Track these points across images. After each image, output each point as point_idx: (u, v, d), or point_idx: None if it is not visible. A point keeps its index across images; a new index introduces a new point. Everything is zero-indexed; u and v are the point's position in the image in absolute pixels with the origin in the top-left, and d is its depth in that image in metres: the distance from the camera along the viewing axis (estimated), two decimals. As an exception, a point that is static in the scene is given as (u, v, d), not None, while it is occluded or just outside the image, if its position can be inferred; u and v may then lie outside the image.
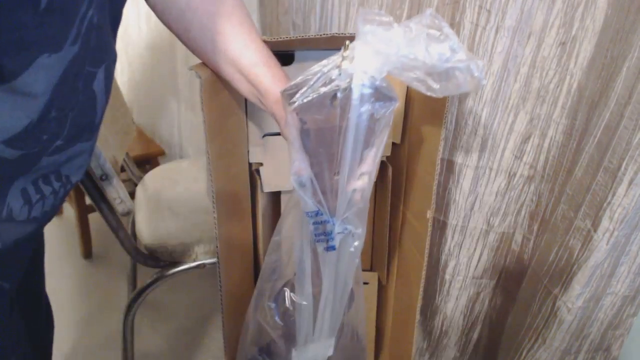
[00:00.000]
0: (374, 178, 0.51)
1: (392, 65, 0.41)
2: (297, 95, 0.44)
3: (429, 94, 0.42)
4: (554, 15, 0.70)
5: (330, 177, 0.50)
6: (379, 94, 0.45)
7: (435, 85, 0.41)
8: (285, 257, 0.61)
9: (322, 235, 0.53)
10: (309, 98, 0.44)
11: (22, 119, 0.38)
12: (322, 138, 0.48)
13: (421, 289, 0.70)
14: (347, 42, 0.43)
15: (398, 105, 0.48)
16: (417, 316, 0.73)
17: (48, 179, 0.45)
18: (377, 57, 0.41)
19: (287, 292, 0.61)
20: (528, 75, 0.74)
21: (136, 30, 1.69)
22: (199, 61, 0.58)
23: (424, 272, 0.69)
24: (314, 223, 0.52)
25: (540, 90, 0.75)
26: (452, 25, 0.74)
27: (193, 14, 0.52)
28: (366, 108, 0.44)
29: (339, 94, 0.44)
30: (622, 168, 0.64)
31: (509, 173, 0.82)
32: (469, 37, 0.72)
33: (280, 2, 0.84)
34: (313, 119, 0.46)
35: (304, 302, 0.58)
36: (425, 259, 0.69)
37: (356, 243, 0.55)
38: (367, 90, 0.43)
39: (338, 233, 0.53)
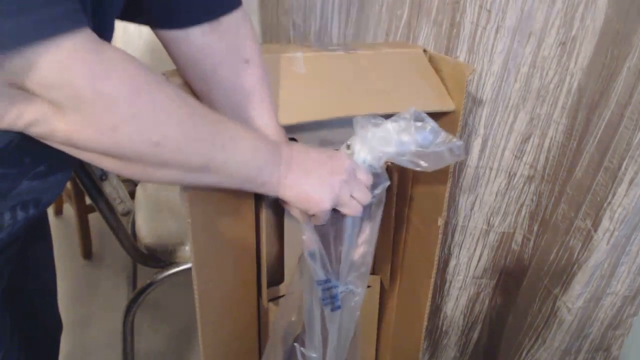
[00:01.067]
0: (374, 245, 0.61)
1: (388, 157, 0.52)
2: None
3: (419, 169, 0.51)
4: (554, 15, 0.70)
5: (336, 249, 0.59)
6: (375, 178, 0.55)
7: (425, 164, 0.51)
8: (293, 316, 0.69)
9: (329, 299, 0.61)
10: None
11: (3, 136, 0.37)
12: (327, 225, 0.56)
13: (429, 296, 0.70)
14: (348, 143, 0.53)
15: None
16: (425, 322, 0.72)
17: (26, 207, 0.44)
18: (373, 152, 0.52)
19: (298, 348, 0.68)
20: (528, 75, 0.74)
21: (136, 31, 1.68)
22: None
23: (432, 280, 0.69)
24: (323, 290, 0.60)
25: (540, 90, 0.75)
26: (452, 25, 0.74)
27: (219, 83, 0.51)
28: None
29: None
30: (623, 168, 0.64)
31: (509, 173, 0.82)
32: (469, 37, 0.72)
33: (280, 2, 0.84)
34: None
35: (314, 355, 0.66)
36: (435, 266, 0.68)
37: (357, 298, 0.63)
38: None
39: (341, 292, 0.61)
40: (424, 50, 0.68)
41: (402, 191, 0.78)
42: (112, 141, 0.34)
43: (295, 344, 0.69)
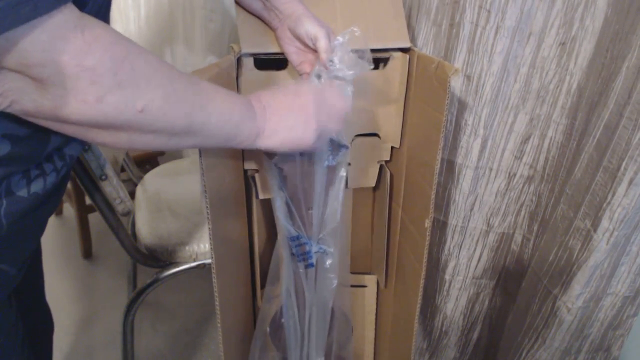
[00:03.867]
0: (341, 203, 0.65)
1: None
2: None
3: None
4: (554, 15, 0.70)
5: (306, 211, 0.64)
6: (335, 145, 0.61)
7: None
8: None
9: (302, 255, 0.65)
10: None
11: None
12: (296, 181, 0.62)
13: (419, 296, 0.70)
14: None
15: (396, 105, 0.59)
16: (416, 324, 0.73)
17: (51, 158, 0.46)
18: None
19: (278, 314, 0.72)
20: (528, 75, 0.74)
21: (136, 31, 1.69)
22: (197, 63, 0.59)
23: (422, 281, 0.69)
24: (295, 246, 0.64)
25: (540, 90, 0.75)
26: (451, 25, 0.74)
27: None
28: (327, 158, 0.61)
29: None
30: (622, 168, 0.64)
31: (509, 173, 0.82)
32: (469, 37, 0.72)
33: None
34: (289, 167, 0.61)
35: (290, 320, 0.69)
36: (424, 267, 0.69)
37: (330, 260, 0.67)
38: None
39: (315, 252, 0.65)
40: (411, 49, 0.69)
41: (395, 190, 0.79)
42: (98, 112, 0.35)
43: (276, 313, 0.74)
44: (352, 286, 0.86)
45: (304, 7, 0.60)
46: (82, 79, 0.33)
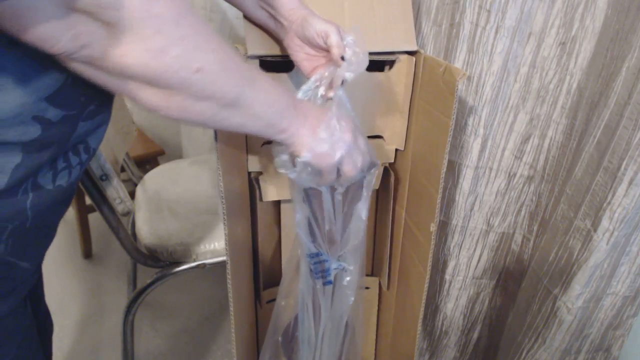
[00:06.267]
0: (365, 222, 0.62)
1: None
2: None
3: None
4: (554, 15, 0.70)
5: (328, 227, 0.62)
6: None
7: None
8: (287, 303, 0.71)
9: (321, 273, 0.64)
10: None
11: (57, 75, 0.38)
12: (319, 198, 0.60)
13: (423, 299, 0.70)
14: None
15: (401, 108, 0.58)
16: (419, 327, 0.73)
17: (77, 149, 0.46)
18: None
19: (291, 325, 0.71)
20: (528, 75, 0.74)
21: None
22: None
23: (426, 285, 0.69)
24: (314, 263, 0.63)
25: (540, 90, 0.75)
26: (451, 25, 0.74)
27: None
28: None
29: None
30: (622, 168, 0.64)
31: (509, 173, 0.82)
32: (469, 37, 0.72)
33: None
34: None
35: (305, 333, 0.68)
36: (428, 271, 0.68)
37: (348, 278, 0.65)
38: None
39: (334, 269, 0.64)
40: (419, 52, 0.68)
41: (398, 193, 0.78)
42: (159, 64, 0.36)
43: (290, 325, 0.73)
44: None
45: (309, 10, 0.60)
46: (149, 26, 0.34)
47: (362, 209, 0.62)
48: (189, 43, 0.37)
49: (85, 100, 0.43)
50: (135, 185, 1.25)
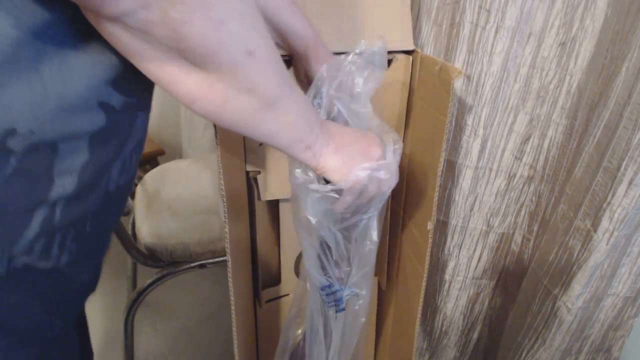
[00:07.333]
0: (377, 244, 0.61)
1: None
2: None
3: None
4: (554, 15, 0.70)
5: (339, 257, 0.61)
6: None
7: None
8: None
9: (333, 302, 0.63)
10: None
11: (118, 59, 0.36)
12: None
13: (421, 299, 0.70)
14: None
15: (398, 107, 0.52)
16: (417, 326, 0.73)
17: (135, 151, 0.45)
18: None
19: (301, 344, 0.70)
20: (528, 75, 0.74)
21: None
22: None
23: (424, 284, 0.69)
24: (327, 294, 0.62)
25: (540, 90, 0.75)
26: (451, 25, 0.74)
27: None
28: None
29: None
30: (622, 168, 0.64)
31: (509, 174, 0.82)
32: (469, 37, 0.72)
33: None
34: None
35: (315, 357, 0.67)
36: (426, 269, 0.68)
37: (360, 302, 0.64)
38: None
39: (346, 295, 0.63)
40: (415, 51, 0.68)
41: (396, 192, 0.78)
42: (218, 37, 0.34)
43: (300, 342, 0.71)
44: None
45: (314, 43, 0.59)
46: None
47: (373, 231, 0.60)
48: (247, 20, 0.35)
49: (141, 87, 0.41)
50: (135, 185, 1.25)
